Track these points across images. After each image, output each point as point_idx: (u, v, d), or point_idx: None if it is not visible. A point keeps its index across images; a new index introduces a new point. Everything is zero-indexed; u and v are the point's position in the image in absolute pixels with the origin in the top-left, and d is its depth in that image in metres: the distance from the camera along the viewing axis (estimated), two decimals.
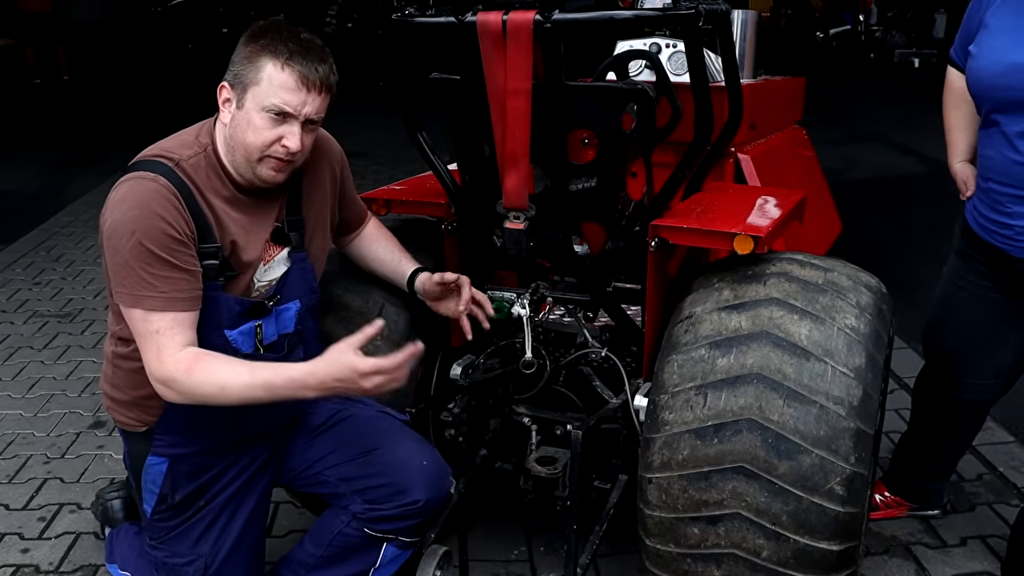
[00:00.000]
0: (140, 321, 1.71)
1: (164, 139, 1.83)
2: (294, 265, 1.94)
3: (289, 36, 1.74)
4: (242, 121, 1.75)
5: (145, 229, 1.67)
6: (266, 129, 1.74)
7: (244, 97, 1.75)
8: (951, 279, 2.28)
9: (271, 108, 1.73)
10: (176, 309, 1.71)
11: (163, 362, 1.71)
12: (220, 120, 1.81)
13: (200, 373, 1.71)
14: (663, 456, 1.76)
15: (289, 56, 1.72)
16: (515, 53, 1.81)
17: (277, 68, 1.72)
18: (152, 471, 1.92)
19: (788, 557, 1.68)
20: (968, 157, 2.27)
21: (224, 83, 1.78)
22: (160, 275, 1.68)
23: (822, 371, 1.70)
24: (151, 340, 1.71)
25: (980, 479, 2.76)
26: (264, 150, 1.76)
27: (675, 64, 2.58)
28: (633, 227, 2.04)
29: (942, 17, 12.45)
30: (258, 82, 1.73)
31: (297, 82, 1.73)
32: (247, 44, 1.75)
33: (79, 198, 6.61)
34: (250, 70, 1.73)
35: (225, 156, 1.81)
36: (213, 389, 1.71)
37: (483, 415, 2.30)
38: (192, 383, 1.70)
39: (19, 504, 2.79)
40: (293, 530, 2.61)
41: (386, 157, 7.62)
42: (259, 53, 1.73)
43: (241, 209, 1.82)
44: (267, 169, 1.79)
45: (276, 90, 1.72)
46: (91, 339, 4.04)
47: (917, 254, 4.75)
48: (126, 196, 1.71)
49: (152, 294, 1.69)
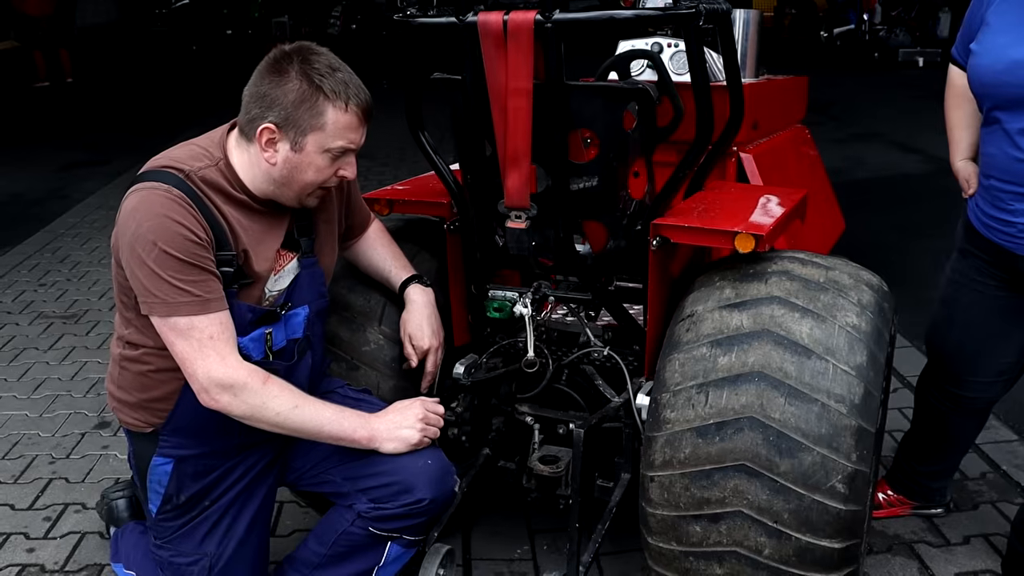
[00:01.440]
0: (185, 328, 1.71)
1: (172, 148, 1.83)
2: (304, 270, 1.95)
3: (332, 69, 1.73)
4: (302, 163, 1.76)
5: (167, 237, 1.67)
6: (327, 168, 1.79)
7: (303, 141, 1.74)
8: (953, 277, 2.28)
9: (337, 150, 1.76)
10: (215, 310, 1.72)
11: (232, 367, 1.73)
12: (259, 156, 1.77)
13: (276, 386, 1.78)
14: (665, 454, 1.77)
15: (347, 96, 1.72)
16: (516, 53, 1.81)
17: (340, 111, 1.73)
18: (158, 471, 1.92)
19: (790, 555, 1.68)
20: (970, 155, 2.27)
21: (269, 125, 1.73)
22: (191, 279, 1.69)
23: (823, 369, 1.70)
24: (207, 346, 1.71)
25: (983, 477, 2.76)
26: (323, 184, 1.81)
27: (677, 63, 2.59)
28: (635, 226, 2.04)
29: (946, 16, 12.42)
30: (321, 127, 1.73)
31: (360, 120, 1.77)
32: (290, 80, 1.70)
33: (84, 200, 6.64)
34: (309, 115, 1.71)
35: (260, 184, 1.81)
36: (284, 406, 1.77)
37: (486, 414, 2.31)
38: (267, 394, 1.75)
39: (24, 504, 2.80)
40: (297, 529, 2.61)
41: (390, 157, 7.63)
42: (315, 96, 1.71)
43: (254, 219, 1.83)
44: (314, 198, 1.85)
45: (343, 132, 1.75)
46: (96, 340, 4.06)
47: (920, 252, 4.74)
48: (139, 206, 1.71)
49: (187, 300, 1.69)
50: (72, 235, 5.76)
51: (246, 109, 1.77)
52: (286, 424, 1.80)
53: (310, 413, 1.81)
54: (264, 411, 1.77)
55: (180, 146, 1.84)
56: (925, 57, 12.00)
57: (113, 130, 9.44)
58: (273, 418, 1.78)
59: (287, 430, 1.82)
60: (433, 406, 1.96)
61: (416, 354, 2.15)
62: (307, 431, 1.83)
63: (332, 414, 1.85)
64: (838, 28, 13.70)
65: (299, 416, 1.79)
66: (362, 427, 1.87)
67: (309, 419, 1.81)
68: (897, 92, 10.05)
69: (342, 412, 1.87)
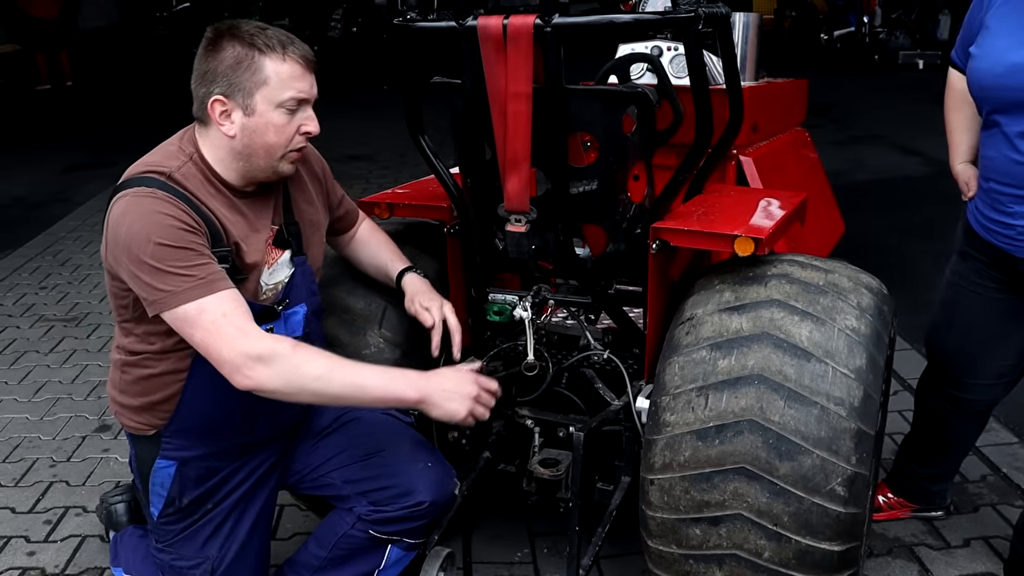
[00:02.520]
0: (196, 313, 1.65)
1: (146, 155, 1.81)
2: (297, 269, 1.95)
3: (260, 27, 1.74)
4: (259, 126, 1.74)
5: (159, 231, 1.65)
6: (286, 124, 1.76)
7: (252, 103, 1.73)
8: (953, 280, 2.28)
9: (288, 102, 1.74)
10: (221, 289, 1.67)
11: (254, 338, 1.66)
12: (218, 134, 1.76)
13: (306, 351, 1.70)
14: (665, 457, 1.77)
15: (283, 46, 1.72)
16: (516, 57, 1.82)
17: (279, 61, 1.72)
18: (160, 474, 1.92)
19: (790, 558, 1.68)
20: (970, 158, 2.28)
21: (217, 97, 1.72)
22: (191, 264, 1.66)
23: (823, 372, 1.70)
24: (222, 324, 1.65)
25: (983, 480, 2.76)
26: (288, 145, 1.78)
27: (676, 67, 2.59)
28: (634, 229, 2.05)
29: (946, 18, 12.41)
30: (265, 82, 1.71)
31: (302, 68, 1.75)
32: (224, 49, 1.71)
33: (86, 203, 6.64)
34: (249, 74, 1.71)
35: (224, 162, 1.79)
36: (320, 369, 1.68)
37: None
38: (300, 359, 1.67)
39: (25, 507, 2.81)
40: (298, 532, 2.62)
41: (391, 160, 7.64)
42: (250, 54, 1.71)
43: (238, 212, 1.82)
44: (287, 164, 1.82)
45: (288, 82, 1.73)
46: (97, 343, 4.06)
47: (919, 255, 4.74)
48: (127, 210, 1.69)
49: (192, 284, 1.65)
50: (73, 238, 5.77)
51: (195, 95, 1.77)
52: (328, 389, 1.70)
53: (352, 373, 1.73)
54: (301, 377, 1.67)
55: (154, 151, 1.82)
56: (925, 60, 11.99)
57: (114, 133, 9.45)
58: (312, 384, 1.68)
59: (330, 396, 1.73)
60: (487, 383, 1.87)
61: (433, 315, 2.10)
62: (351, 395, 1.74)
63: (375, 373, 1.78)
64: (838, 31, 13.69)
65: (340, 377, 1.70)
66: (411, 387, 1.76)
67: (351, 380, 1.72)
68: (897, 94, 10.05)
69: (386, 371, 1.80)
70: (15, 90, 12.29)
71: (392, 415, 2.12)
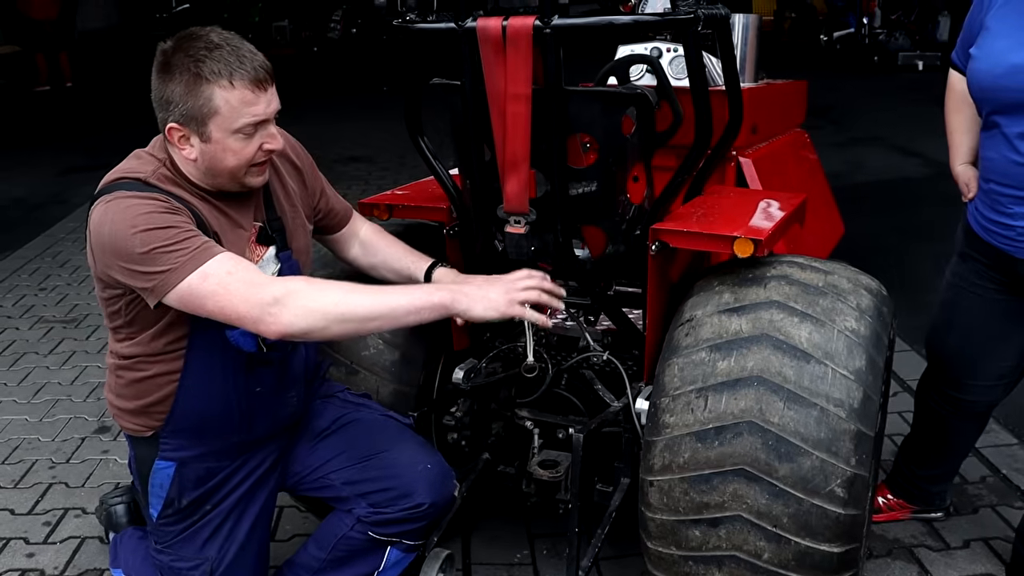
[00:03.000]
0: (200, 281, 1.62)
1: (122, 162, 1.80)
2: (284, 264, 1.94)
3: (208, 46, 1.68)
4: (216, 151, 1.72)
5: (141, 219, 1.64)
6: (245, 147, 1.73)
7: (206, 130, 1.70)
8: (953, 281, 2.28)
9: (244, 128, 1.71)
10: (217, 252, 1.65)
11: (264, 285, 1.64)
12: (183, 156, 1.75)
13: (321, 283, 1.69)
14: (664, 459, 1.77)
15: (231, 72, 1.67)
16: (515, 58, 1.81)
17: (227, 89, 1.67)
18: (159, 475, 1.92)
19: (789, 559, 1.68)
20: (970, 159, 2.28)
21: (172, 125, 1.70)
22: (181, 239, 1.64)
23: (822, 373, 1.70)
24: (230, 283, 1.62)
25: (983, 481, 2.76)
26: (250, 164, 1.76)
27: (676, 68, 2.59)
28: (634, 231, 2.05)
29: (946, 20, 12.41)
30: (215, 111, 1.68)
31: (253, 91, 1.70)
32: (174, 74, 1.68)
33: (84, 204, 6.60)
34: (198, 103, 1.67)
35: (198, 177, 1.78)
36: (337, 295, 1.66)
37: (485, 419, 2.31)
38: (316, 290, 1.66)
39: (24, 509, 2.80)
40: (297, 534, 2.61)
41: (391, 162, 7.64)
42: (197, 81, 1.66)
43: (216, 210, 1.81)
44: (253, 177, 1.79)
45: (239, 108, 1.69)
46: (96, 344, 4.06)
47: (919, 256, 4.74)
48: (107, 211, 1.68)
49: (188, 256, 1.62)
50: (72, 239, 5.77)
51: (157, 114, 1.75)
52: (354, 310, 1.66)
53: (372, 290, 1.71)
54: (323, 306, 1.64)
55: (129, 158, 1.82)
56: (924, 61, 11.99)
57: (114, 134, 9.43)
58: (335, 309, 1.65)
59: (359, 318, 1.67)
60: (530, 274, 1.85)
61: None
62: (378, 311, 1.69)
63: (397, 290, 1.75)
64: (837, 32, 13.70)
65: (361, 299, 1.68)
66: (440, 290, 1.76)
67: (374, 299, 1.69)
68: (897, 96, 10.06)
69: (406, 288, 1.78)
70: (15, 91, 12.29)
71: (391, 416, 2.12)
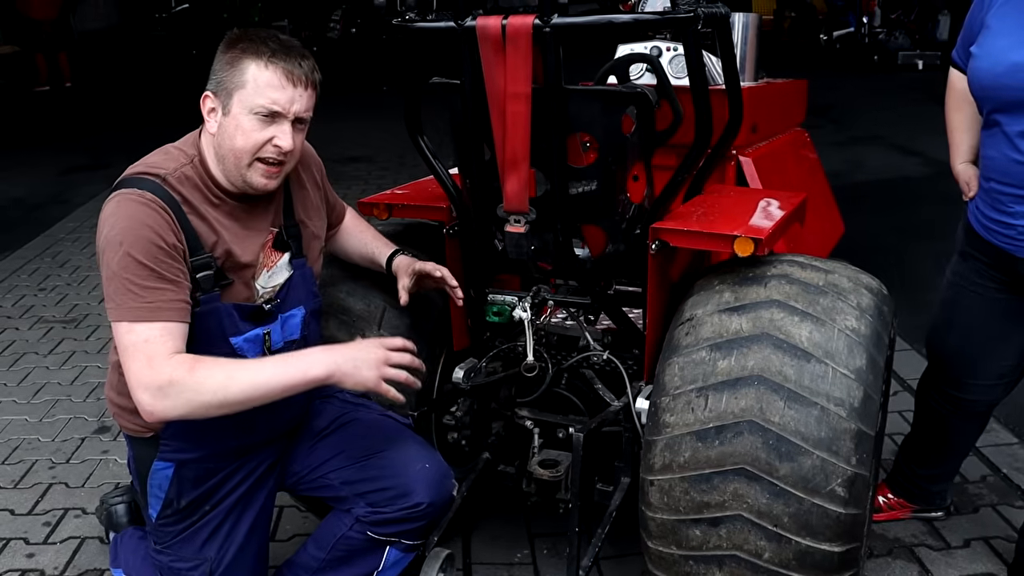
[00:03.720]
0: (125, 333, 1.65)
1: (149, 154, 1.82)
2: (296, 271, 1.95)
3: (268, 36, 1.75)
4: (230, 126, 1.74)
5: (133, 240, 1.66)
6: (255, 131, 1.74)
7: (229, 103, 1.74)
8: (954, 280, 2.28)
9: (260, 109, 1.72)
10: (163, 319, 1.65)
11: (157, 368, 1.62)
12: (207, 130, 1.80)
13: (204, 368, 1.64)
14: (664, 458, 1.76)
15: (271, 54, 1.72)
16: (515, 57, 1.81)
17: (260, 67, 1.71)
18: (158, 476, 1.92)
19: (790, 559, 1.68)
20: (970, 158, 2.27)
21: (207, 93, 1.77)
22: (145, 285, 1.65)
23: (823, 373, 1.70)
24: (139, 350, 1.63)
25: (983, 480, 2.76)
26: (255, 152, 1.75)
27: (676, 67, 2.59)
28: (634, 230, 2.04)
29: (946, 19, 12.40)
30: (243, 85, 1.72)
31: (282, 79, 1.73)
32: (226, 51, 1.75)
33: (84, 204, 6.63)
34: (233, 74, 1.72)
35: (215, 166, 1.80)
36: (217, 383, 1.63)
37: (485, 418, 2.31)
38: (198, 379, 1.62)
39: (24, 509, 2.80)
40: (297, 534, 2.61)
41: (390, 161, 7.63)
42: (240, 56, 1.72)
43: (233, 217, 1.83)
44: (258, 176, 1.78)
45: (263, 89, 1.72)
46: (96, 344, 4.06)
47: (920, 255, 4.74)
48: (115, 211, 1.71)
49: (136, 304, 1.64)
50: (72, 240, 5.76)
51: None
52: (232, 399, 1.64)
53: (251, 373, 1.68)
54: (201, 395, 1.62)
55: (157, 151, 1.84)
56: (924, 60, 11.98)
57: (113, 134, 9.44)
58: (214, 398, 1.63)
59: (237, 403, 1.66)
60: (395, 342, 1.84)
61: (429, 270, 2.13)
62: (257, 394, 1.67)
63: (275, 364, 1.72)
64: (837, 31, 13.69)
65: (239, 381, 1.65)
66: (316, 364, 1.71)
67: (251, 380, 1.66)
68: (896, 95, 10.05)
69: (286, 358, 1.75)
70: (14, 91, 12.28)
71: (390, 416, 2.12)
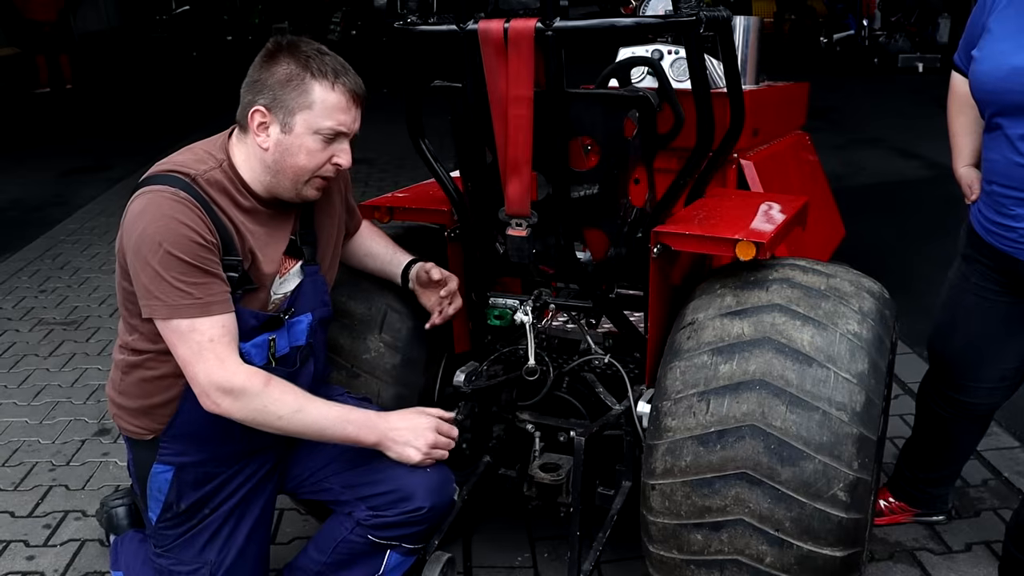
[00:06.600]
0: (186, 331, 1.70)
1: (175, 153, 1.83)
2: (307, 278, 1.95)
3: (323, 52, 1.75)
4: (292, 146, 1.75)
5: (173, 239, 1.67)
6: (319, 151, 1.77)
7: (291, 122, 1.74)
8: (956, 283, 2.28)
9: (327, 131, 1.75)
10: (217, 312, 1.71)
11: (231, 371, 1.72)
12: (254, 143, 1.78)
13: (278, 389, 1.76)
14: (666, 462, 1.76)
15: (336, 75, 1.73)
16: (516, 61, 1.81)
17: (327, 89, 1.73)
18: (158, 479, 1.92)
19: (791, 563, 1.68)
20: (972, 161, 2.27)
21: (259, 107, 1.74)
22: (194, 282, 1.68)
23: (825, 377, 1.70)
24: (206, 349, 1.70)
25: (985, 484, 2.75)
26: (317, 171, 1.79)
27: (677, 70, 2.58)
28: (635, 233, 2.04)
29: (946, 22, 12.44)
30: (309, 106, 1.73)
31: (349, 101, 1.76)
32: (279, 64, 1.73)
33: (85, 206, 6.64)
34: (295, 94, 1.72)
35: (254, 174, 1.80)
36: (288, 409, 1.76)
37: (486, 422, 2.30)
38: (268, 398, 1.74)
39: (24, 511, 2.80)
40: (297, 537, 2.61)
41: (390, 164, 7.64)
42: (302, 75, 1.72)
43: (259, 222, 1.83)
44: (312, 189, 1.83)
45: (331, 112, 1.74)
46: (96, 346, 4.06)
47: (921, 259, 4.74)
48: (146, 208, 1.70)
49: (190, 302, 1.68)
50: (72, 241, 5.76)
51: (241, 100, 1.79)
52: (289, 428, 1.79)
53: (314, 416, 1.80)
54: (266, 415, 1.75)
55: (183, 151, 1.84)
56: (925, 63, 12.00)
57: (113, 136, 9.45)
58: (275, 422, 1.77)
59: (291, 433, 1.81)
60: (447, 428, 1.96)
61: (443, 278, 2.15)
62: (311, 434, 1.82)
63: (337, 417, 1.83)
64: (838, 34, 13.72)
65: (302, 419, 1.78)
66: (370, 430, 1.86)
67: (313, 422, 1.79)
68: (897, 98, 10.06)
69: (348, 414, 1.85)
70: (15, 93, 12.29)
71: None
